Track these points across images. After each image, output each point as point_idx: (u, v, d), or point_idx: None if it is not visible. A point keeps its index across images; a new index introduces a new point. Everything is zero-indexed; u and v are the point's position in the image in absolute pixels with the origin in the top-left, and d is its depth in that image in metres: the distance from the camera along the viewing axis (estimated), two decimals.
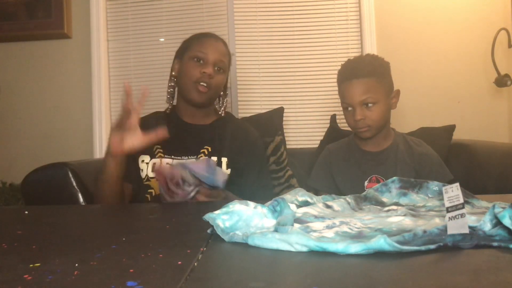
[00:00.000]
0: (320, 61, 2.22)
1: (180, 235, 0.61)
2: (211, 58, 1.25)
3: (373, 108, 1.21)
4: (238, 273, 0.43)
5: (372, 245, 0.45)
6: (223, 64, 1.28)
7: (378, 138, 1.29)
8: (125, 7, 2.33)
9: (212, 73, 1.23)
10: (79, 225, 0.73)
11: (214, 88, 1.26)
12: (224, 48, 1.31)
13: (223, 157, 1.27)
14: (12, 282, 0.40)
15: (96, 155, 2.25)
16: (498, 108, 2.15)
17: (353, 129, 1.28)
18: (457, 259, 0.45)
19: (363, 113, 1.21)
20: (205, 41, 1.28)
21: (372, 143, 1.30)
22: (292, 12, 2.24)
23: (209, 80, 1.24)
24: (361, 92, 1.20)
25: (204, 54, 1.26)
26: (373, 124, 1.23)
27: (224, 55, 1.29)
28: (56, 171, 1.31)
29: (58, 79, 2.31)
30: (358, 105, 1.21)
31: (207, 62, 1.25)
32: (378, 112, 1.22)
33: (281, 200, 0.60)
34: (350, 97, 1.22)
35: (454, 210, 0.49)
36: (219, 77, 1.27)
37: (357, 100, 1.21)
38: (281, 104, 1.93)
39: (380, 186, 0.77)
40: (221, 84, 1.30)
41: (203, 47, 1.26)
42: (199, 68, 1.24)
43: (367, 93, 1.20)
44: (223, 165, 1.26)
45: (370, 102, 1.21)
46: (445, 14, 2.17)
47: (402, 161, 1.25)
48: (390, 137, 1.31)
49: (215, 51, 1.26)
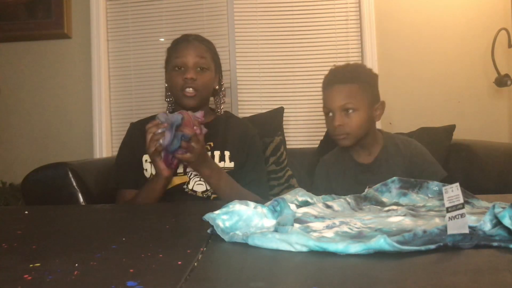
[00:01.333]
0: (320, 61, 2.22)
1: (180, 235, 0.61)
2: (189, 62, 1.25)
3: (352, 115, 1.20)
4: (238, 273, 0.43)
5: (372, 245, 0.45)
6: (205, 62, 1.28)
7: (364, 144, 1.27)
8: (125, 7, 2.33)
9: (193, 76, 1.24)
10: (79, 225, 0.73)
11: (201, 88, 1.26)
12: (201, 46, 1.30)
13: (226, 150, 1.28)
14: (12, 282, 0.40)
15: (96, 155, 2.25)
16: (498, 108, 2.15)
17: (331, 136, 1.26)
18: (457, 259, 0.45)
19: (342, 119, 1.20)
20: (180, 47, 1.29)
21: (363, 151, 1.28)
22: (292, 12, 2.24)
23: (193, 83, 1.24)
24: (342, 97, 1.19)
25: (182, 60, 1.26)
26: (351, 132, 1.20)
27: (204, 53, 1.29)
28: (56, 171, 1.31)
29: (58, 79, 2.31)
30: (338, 110, 1.20)
31: (187, 67, 1.26)
32: (357, 120, 1.20)
33: (281, 200, 0.60)
34: (331, 101, 1.21)
35: (454, 210, 0.49)
36: (203, 76, 1.27)
37: (337, 104, 1.20)
38: (281, 104, 1.93)
39: (380, 186, 0.77)
40: (208, 82, 1.29)
41: (179, 54, 1.27)
42: (180, 75, 1.25)
43: (348, 99, 1.19)
44: (226, 158, 1.27)
45: (350, 108, 1.19)
46: (445, 14, 2.17)
47: (394, 167, 1.23)
48: (379, 142, 1.28)
49: (192, 54, 1.26)
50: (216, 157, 1.26)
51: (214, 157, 1.26)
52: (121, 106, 2.32)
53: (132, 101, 2.31)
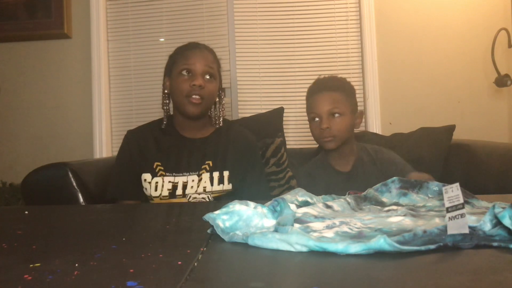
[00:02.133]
0: (320, 61, 2.22)
1: (180, 235, 0.61)
2: (199, 69, 1.24)
3: (339, 119, 1.29)
4: (238, 273, 0.43)
5: (372, 245, 0.45)
6: (213, 71, 1.27)
7: (343, 153, 1.35)
8: (125, 7, 2.33)
9: (202, 84, 1.23)
10: (79, 225, 0.73)
11: (207, 97, 1.25)
12: (210, 55, 1.29)
13: (225, 170, 1.27)
14: (12, 282, 0.40)
15: (96, 155, 2.25)
16: (498, 108, 2.15)
17: (318, 139, 1.35)
18: (457, 259, 0.45)
19: (329, 123, 1.28)
20: (190, 53, 1.27)
21: (340, 160, 1.36)
22: (292, 12, 2.24)
23: (200, 91, 1.23)
24: (330, 102, 1.29)
25: (191, 66, 1.25)
26: (337, 135, 1.29)
27: (212, 62, 1.28)
28: (56, 171, 1.31)
29: (58, 79, 2.31)
30: (326, 114, 1.29)
31: (195, 74, 1.24)
32: (343, 124, 1.30)
33: (281, 200, 0.60)
34: (318, 107, 1.30)
35: (454, 210, 0.49)
36: (210, 85, 1.26)
37: (325, 109, 1.29)
38: (281, 104, 1.93)
39: (380, 186, 0.77)
40: (214, 92, 1.29)
41: (189, 59, 1.25)
42: (188, 81, 1.23)
43: (334, 103, 1.29)
44: (225, 179, 1.26)
45: (337, 113, 1.29)
46: (445, 14, 2.17)
47: (370, 174, 1.32)
48: (354, 151, 1.38)
49: (201, 61, 1.25)
50: (215, 179, 1.25)
51: (213, 179, 1.25)
52: (121, 106, 2.32)
53: (132, 101, 2.31)
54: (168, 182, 1.23)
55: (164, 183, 1.23)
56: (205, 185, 1.24)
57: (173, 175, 1.25)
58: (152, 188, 1.23)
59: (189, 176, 1.24)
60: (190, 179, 1.24)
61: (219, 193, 1.26)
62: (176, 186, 1.23)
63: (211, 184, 1.25)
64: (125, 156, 1.30)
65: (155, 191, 1.23)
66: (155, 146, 1.29)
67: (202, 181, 1.25)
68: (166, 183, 1.23)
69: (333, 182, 1.35)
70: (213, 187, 1.25)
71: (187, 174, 1.25)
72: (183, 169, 1.25)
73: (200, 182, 1.24)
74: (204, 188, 1.24)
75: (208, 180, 1.25)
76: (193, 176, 1.25)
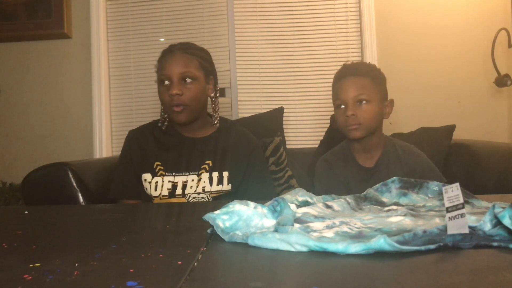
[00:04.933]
0: (320, 61, 2.22)
1: (180, 235, 0.61)
2: (174, 75, 1.22)
3: (365, 107, 1.21)
4: (238, 273, 0.43)
5: (372, 245, 0.45)
6: (190, 73, 1.23)
7: (369, 145, 1.26)
8: (125, 7, 2.33)
9: (179, 91, 1.20)
10: (79, 225, 0.73)
11: (189, 102, 1.23)
12: (185, 55, 1.24)
13: (225, 171, 1.27)
14: (12, 282, 0.40)
15: (96, 155, 2.25)
16: (498, 108, 2.15)
17: (342, 128, 1.26)
18: (457, 259, 0.45)
19: (355, 110, 1.20)
20: (164, 60, 1.25)
21: (365, 154, 1.28)
22: (292, 12, 2.24)
23: (179, 99, 1.21)
24: (356, 88, 1.21)
25: (166, 73, 1.23)
26: (363, 123, 1.21)
27: (188, 62, 1.23)
28: (56, 171, 1.31)
29: (58, 79, 2.31)
30: (352, 100, 1.21)
31: (171, 81, 1.22)
32: (370, 111, 1.21)
33: (281, 200, 0.60)
34: (344, 92, 1.22)
35: (454, 210, 0.49)
36: (190, 89, 1.23)
37: (351, 95, 1.21)
38: (281, 104, 1.93)
39: (380, 186, 0.77)
40: (197, 94, 1.24)
41: (164, 67, 1.24)
42: (166, 91, 1.22)
43: (361, 90, 1.21)
44: (225, 180, 1.26)
45: (363, 100, 1.21)
46: (445, 14, 2.17)
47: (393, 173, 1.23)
48: (380, 146, 1.29)
49: (175, 67, 1.22)
50: (214, 179, 1.25)
51: (212, 179, 1.25)
52: (121, 106, 2.32)
53: (132, 101, 2.31)
54: (168, 182, 1.23)
55: (164, 183, 1.23)
56: (204, 185, 1.24)
57: (173, 174, 1.25)
58: (152, 188, 1.23)
59: (188, 176, 1.24)
60: (189, 178, 1.24)
61: (218, 193, 1.26)
62: (175, 186, 1.23)
63: (210, 184, 1.25)
64: (126, 155, 1.31)
65: (155, 191, 1.23)
66: (156, 145, 1.29)
67: (201, 181, 1.25)
68: (166, 183, 1.23)
69: (353, 177, 1.27)
70: (212, 187, 1.25)
71: (186, 174, 1.25)
72: (182, 168, 1.26)
73: (199, 182, 1.24)
74: (203, 188, 1.24)
75: (207, 180, 1.25)
76: (193, 176, 1.25)
